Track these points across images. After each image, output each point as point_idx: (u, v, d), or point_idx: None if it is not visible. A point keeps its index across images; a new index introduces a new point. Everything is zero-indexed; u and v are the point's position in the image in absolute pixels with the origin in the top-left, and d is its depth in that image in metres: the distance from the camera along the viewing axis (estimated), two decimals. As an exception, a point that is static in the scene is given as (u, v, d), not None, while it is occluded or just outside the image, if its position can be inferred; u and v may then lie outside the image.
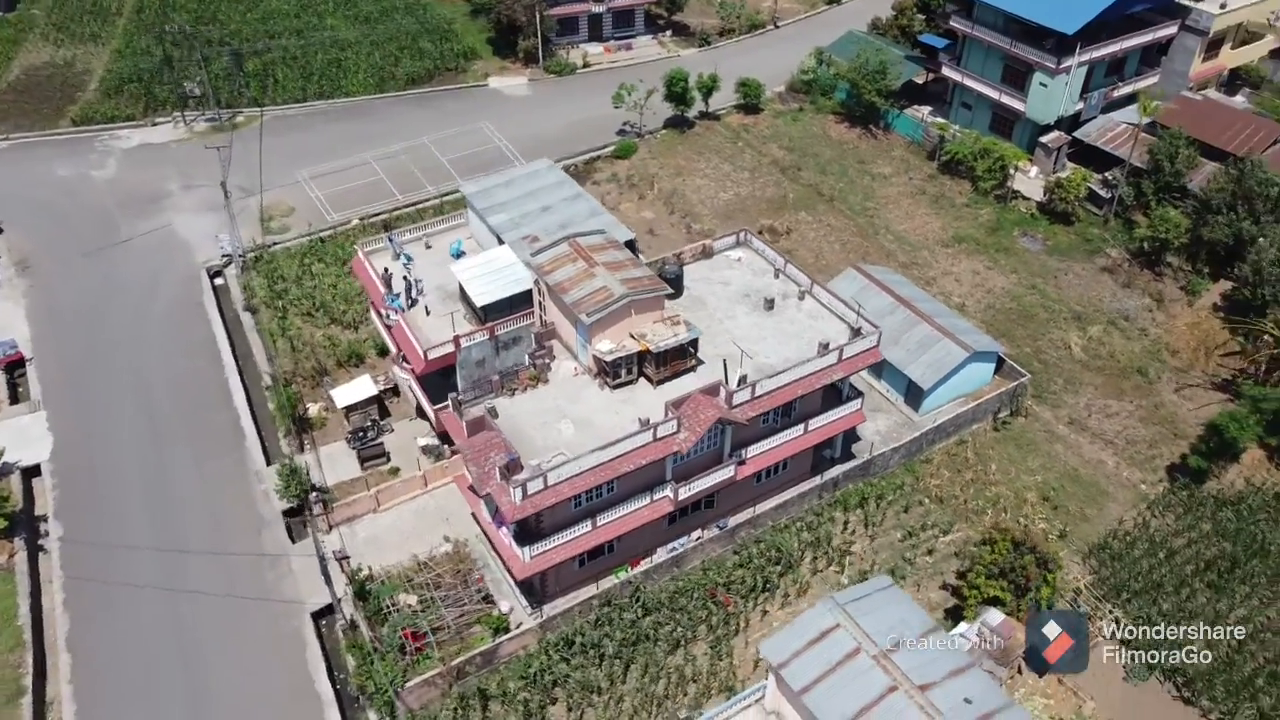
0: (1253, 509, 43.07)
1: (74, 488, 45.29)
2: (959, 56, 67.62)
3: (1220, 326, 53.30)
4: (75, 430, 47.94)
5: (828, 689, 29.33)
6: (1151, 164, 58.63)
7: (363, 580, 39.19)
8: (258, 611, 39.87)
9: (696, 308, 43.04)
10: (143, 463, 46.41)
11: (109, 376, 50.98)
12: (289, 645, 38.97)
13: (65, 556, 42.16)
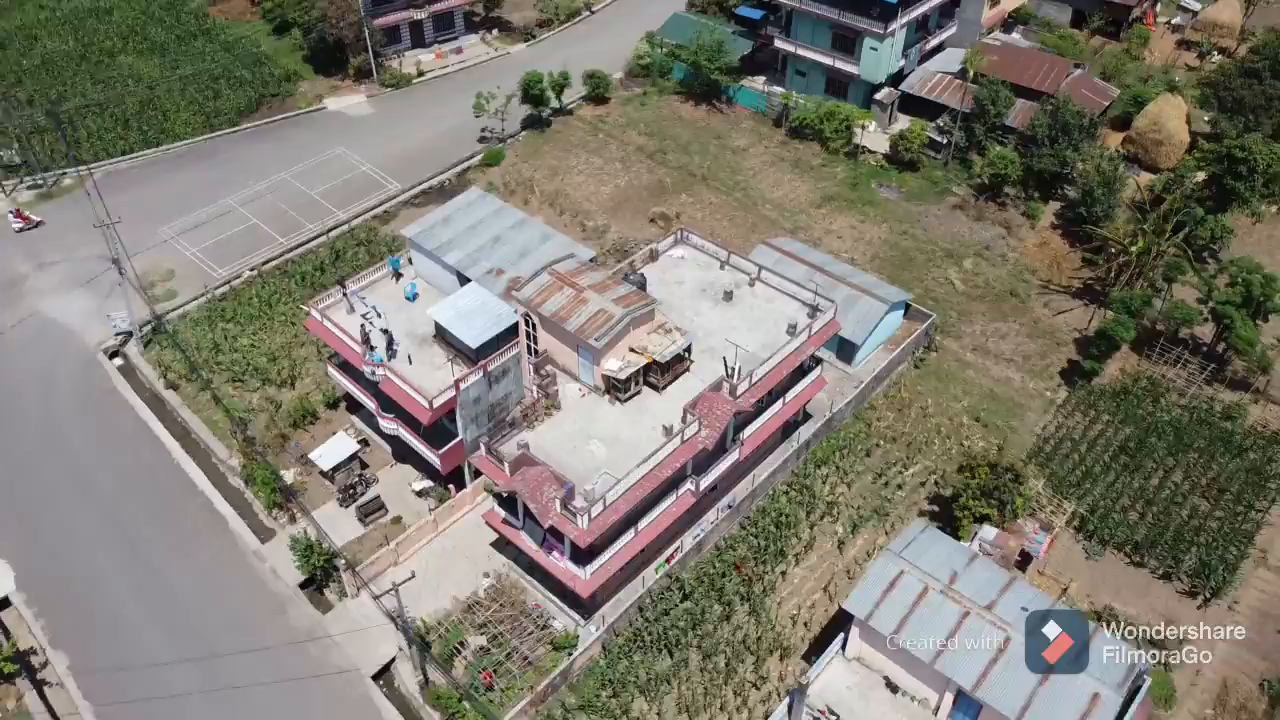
0: (1138, 395, 51.74)
1: (61, 613, 42.78)
2: (787, 28, 73.01)
3: (1066, 244, 62.28)
4: (34, 554, 44.87)
5: (914, 627, 34.06)
6: (976, 108, 66.54)
7: (422, 632, 40.06)
8: (317, 689, 39.86)
9: (664, 309, 46.05)
10: (126, 571, 44.34)
11: (47, 488, 47.74)
12: (362, 713, 39.42)
13: (85, 687, 40.12)
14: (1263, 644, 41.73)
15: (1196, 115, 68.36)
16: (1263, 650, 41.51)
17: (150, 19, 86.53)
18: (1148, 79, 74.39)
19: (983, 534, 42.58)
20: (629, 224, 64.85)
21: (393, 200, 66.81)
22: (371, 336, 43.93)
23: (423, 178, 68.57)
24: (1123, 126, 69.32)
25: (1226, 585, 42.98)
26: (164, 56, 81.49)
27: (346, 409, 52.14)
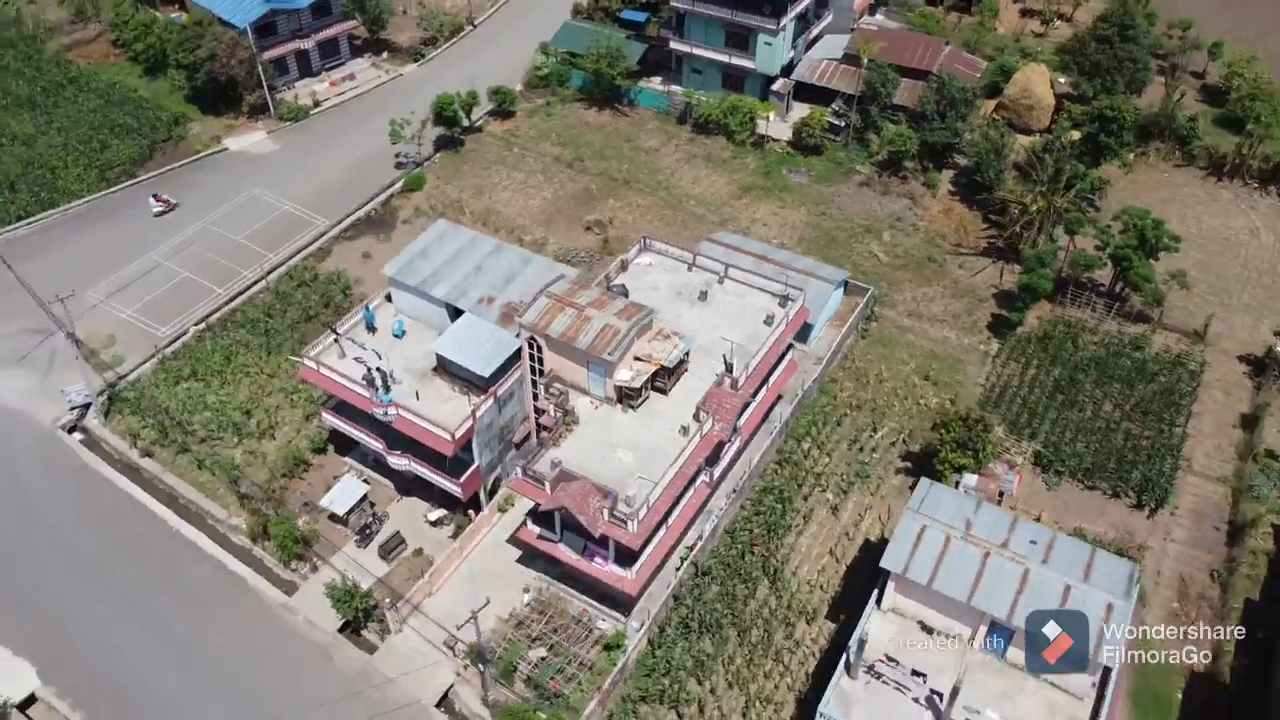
0: (1058, 339, 57.98)
1: (96, 700, 42.03)
2: (680, 30, 76.27)
3: (966, 208, 68.32)
4: (52, 645, 43.72)
5: (946, 574, 38.25)
6: (868, 90, 71.68)
7: (480, 654, 41.61)
8: (386, 727, 40.97)
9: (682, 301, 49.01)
10: (152, 646, 43.90)
11: (44, 577, 46.45)
12: (435, 741, 40.81)
13: (144, 767, 39.82)
14: (1204, 540, 48.35)
15: (1057, 81, 75.74)
16: (1206, 545, 48.10)
17: (8, 72, 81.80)
18: (1003, 49, 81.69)
19: (965, 482, 47.45)
20: (565, 234, 66.87)
21: (324, 236, 66.53)
22: (367, 375, 44.82)
23: (348, 210, 68.43)
24: (991, 95, 76.10)
25: (1167, 495, 49.42)
26: (34, 110, 77.51)
27: (335, 451, 52.53)
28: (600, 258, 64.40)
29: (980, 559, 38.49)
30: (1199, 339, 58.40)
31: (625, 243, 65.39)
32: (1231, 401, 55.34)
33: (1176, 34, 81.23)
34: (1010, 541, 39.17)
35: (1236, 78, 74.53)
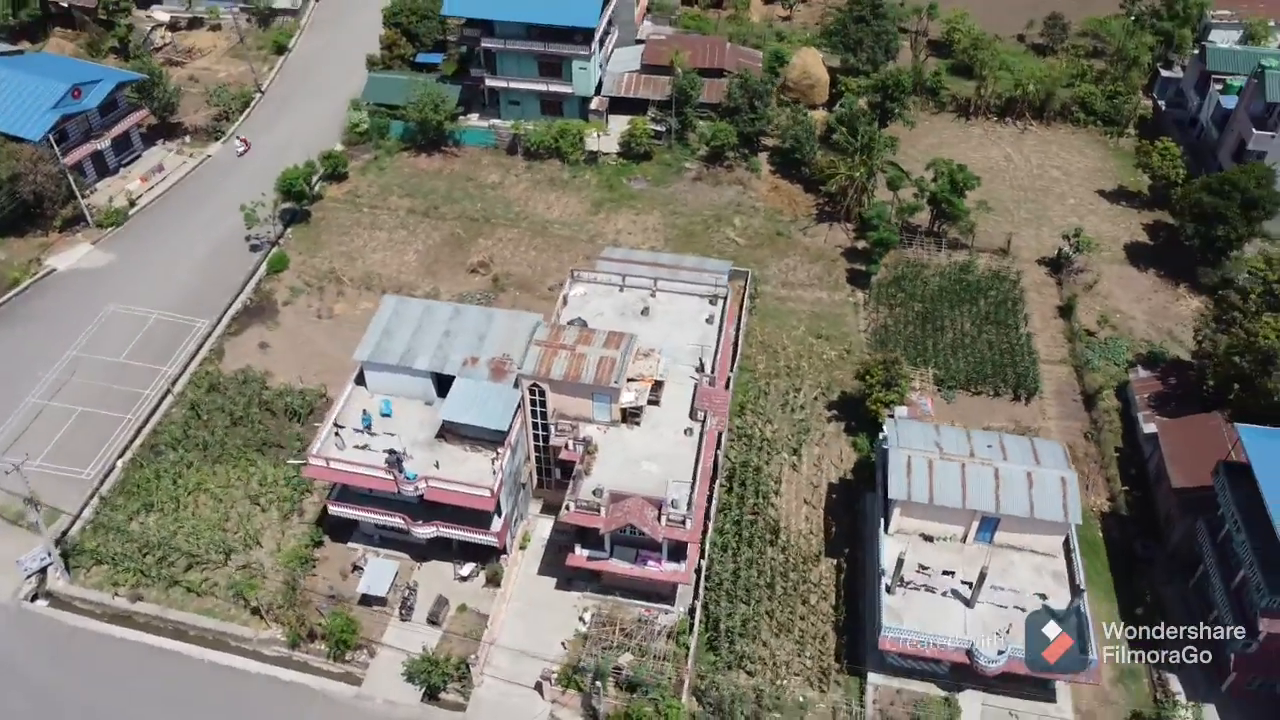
0: (908, 278, 68.74)
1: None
2: (493, 68, 79.92)
3: (789, 184, 77.87)
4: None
5: (940, 490, 46.83)
6: (679, 95, 79.20)
7: (598, 671, 45.37)
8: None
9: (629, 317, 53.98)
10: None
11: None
12: (560, 765, 44.46)
13: None
14: (1070, 412, 60.68)
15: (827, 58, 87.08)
16: (1072, 416, 60.42)
17: None
18: (763, 37, 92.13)
19: (899, 413, 56.62)
20: (452, 281, 69.50)
21: (210, 336, 65.03)
22: (390, 459, 46.93)
23: (223, 305, 67.09)
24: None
25: (1036, 384, 61.36)
26: None
27: (332, 540, 53.34)
28: (496, 296, 67.93)
29: (960, 470, 47.46)
30: (1004, 254, 71.45)
31: (513, 277, 69.55)
32: (1045, 298, 68.63)
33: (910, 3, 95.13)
34: (974, 450, 48.51)
35: (956, 32, 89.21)
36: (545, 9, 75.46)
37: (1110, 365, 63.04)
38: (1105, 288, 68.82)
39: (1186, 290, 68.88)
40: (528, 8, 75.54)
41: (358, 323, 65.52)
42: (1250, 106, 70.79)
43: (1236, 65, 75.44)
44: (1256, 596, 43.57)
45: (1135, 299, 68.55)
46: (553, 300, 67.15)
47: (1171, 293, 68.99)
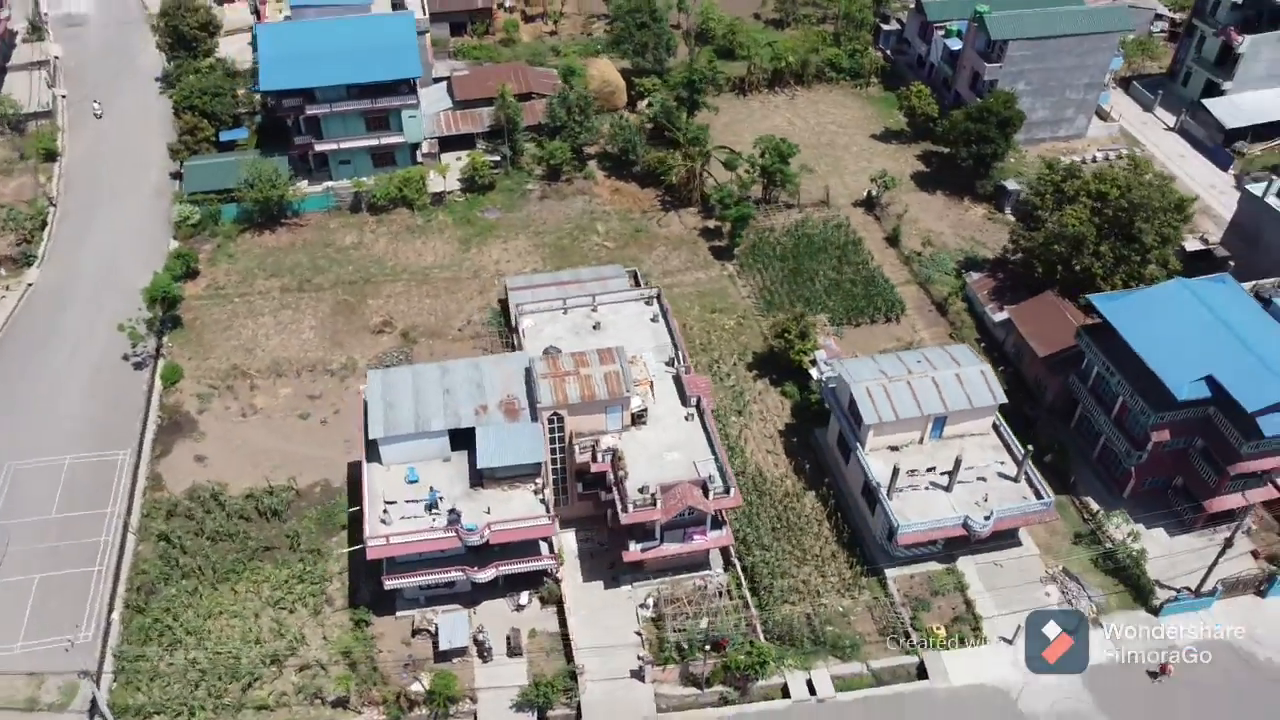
0: (767, 243, 78.32)
1: None
2: (318, 133, 80.00)
3: (627, 184, 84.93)
4: None
5: (901, 406, 56.53)
6: (506, 123, 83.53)
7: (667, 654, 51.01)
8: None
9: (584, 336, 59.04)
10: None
11: None
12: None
13: None
14: (930, 320, 72.98)
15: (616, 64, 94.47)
16: (935, 323, 72.71)
17: None
18: (542, 54, 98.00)
19: (821, 358, 66.08)
20: (361, 347, 70.47)
21: (139, 465, 62.29)
22: (442, 516, 49.96)
23: (135, 431, 64.17)
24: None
25: (902, 306, 73.18)
26: None
27: (376, 614, 54.61)
28: (411, 350, 70.00)
29: (908, 387, 57.54)
30: (825, 205, 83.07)
31: (419, 328, 71.87)
32: (872, 233, 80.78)
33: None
34: (912, 368, 58.78)
35: (710, 21, 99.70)
36: (366, 67, 76.98)
37: (943, 275, 76.25)
38: (912, 214, 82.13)
39: (970, 201, 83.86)
40: (348, 69, 76.70)
41: (287, 410, 66.03)
42: (975, 45, 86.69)
43: (951, 13, 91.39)
44: (1142, 418, 57.16)
45: (936, 218, 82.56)
46: (466, 339, 71.01)
47: (960, 206, 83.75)
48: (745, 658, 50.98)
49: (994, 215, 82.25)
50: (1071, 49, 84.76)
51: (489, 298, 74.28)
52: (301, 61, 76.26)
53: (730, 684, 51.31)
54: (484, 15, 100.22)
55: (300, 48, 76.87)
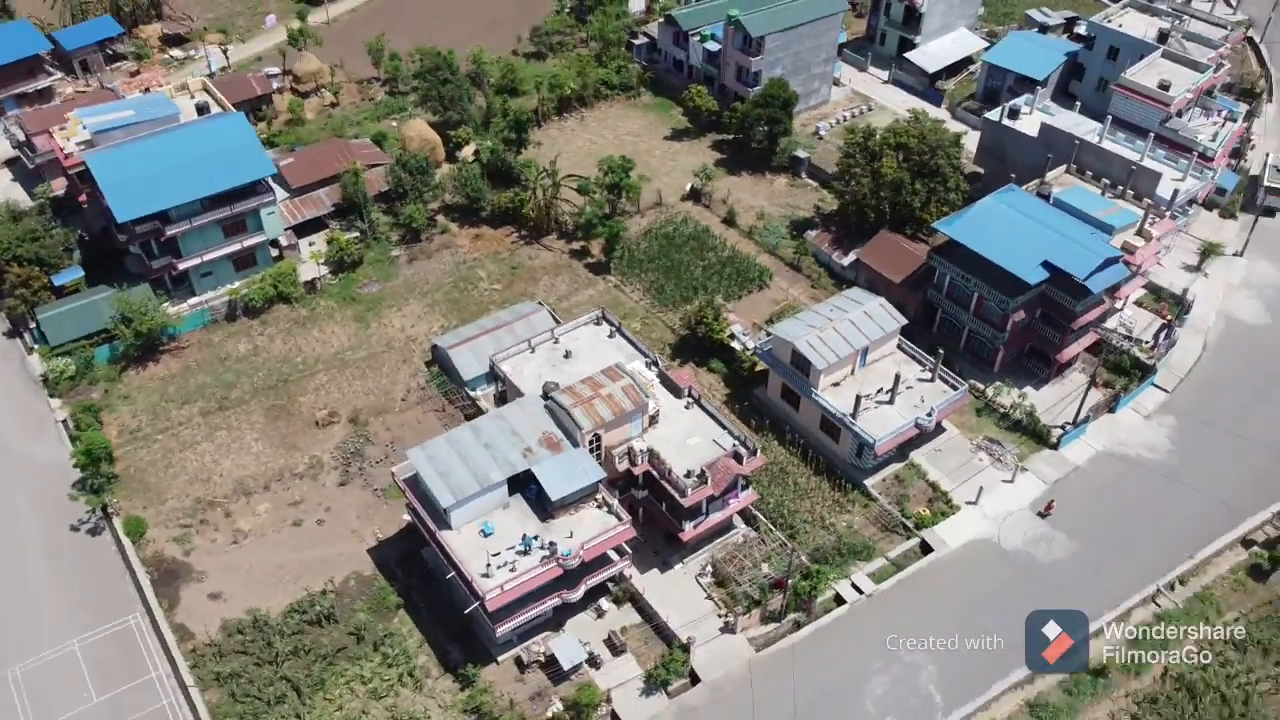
0: (629, 250, 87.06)
1: None
2: (177, 253, 77.67)
3: (486, 229, 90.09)
4: None
5: (838, 347, 68.14)
6: (358, 198, 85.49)
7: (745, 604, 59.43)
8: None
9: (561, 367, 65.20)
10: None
11: None
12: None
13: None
14: (794, 279, 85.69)
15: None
16: (797, 281, 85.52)
17: None
18: (342, 125, 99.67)
19: (737, 330, 76.40)
20: (316, 444, 71.16)
21: (159, 623, 60.21)
22: (551, 550, 55.16)
23: (133, 595, 61.78)
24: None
25: (769, 274, 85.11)
26: None
27: (477, 666, 58.04)
28: (360, 433, 71.83)
29: (835, 331, 69.32)
30: (660, 205, 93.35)
31: (363, 408, 73.88)
32: (709, 220, 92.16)
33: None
34: (828, 317, 70.61)
35: (485, 65, 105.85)
36: (219, 175, 76.23)
37: (782, 240, 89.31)
38: (733, 196, 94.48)
39: (770, 174, 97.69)
40: (202, 181, 75.55)
41: (277, 523, 66.34)
42: (734, 44, 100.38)
43: (700, 21, 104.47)
44: (999, 307, 72.84)
45: (751, 194, 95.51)
46: (413, 407, 74.07)
47: (765, 180, 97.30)
48: (805, 583, 60.63)
49: (795, 181, 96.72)
50: (810, 32, 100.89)
51: (415, 364, 77.33)
52: (150, 183, 74.18)
53: (799, 609, 60.76)
54: (265, 101, 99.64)
55: (142, 169, 74.59)
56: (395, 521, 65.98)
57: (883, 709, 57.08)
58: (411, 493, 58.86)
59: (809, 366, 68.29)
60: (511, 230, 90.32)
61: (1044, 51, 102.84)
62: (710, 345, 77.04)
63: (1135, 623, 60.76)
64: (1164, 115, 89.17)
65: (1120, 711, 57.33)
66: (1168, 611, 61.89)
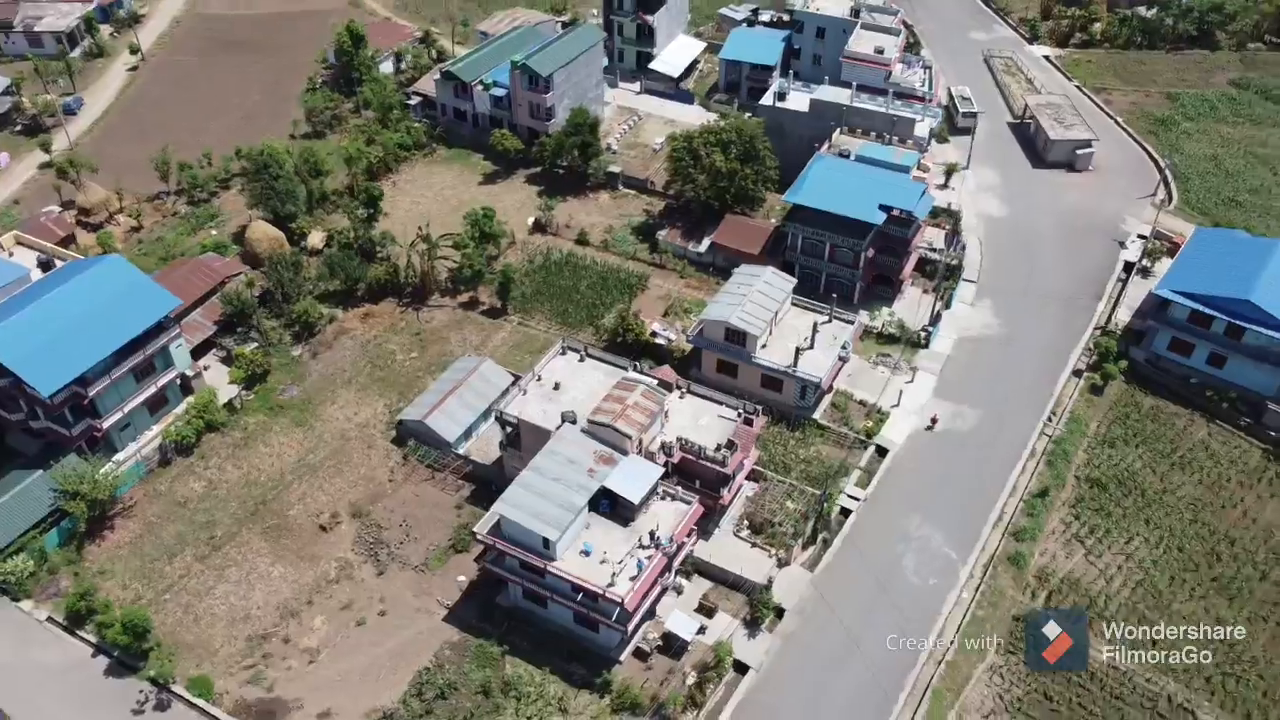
0: (520, 284, 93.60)
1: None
2: (95, 412, 73.32)
3: (373, 307, 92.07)
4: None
5: (759, 318, 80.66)
6: (240, 309, 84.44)
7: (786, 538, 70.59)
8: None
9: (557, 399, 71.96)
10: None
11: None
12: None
13: None
14: (669, 275, 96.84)
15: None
16: (674, 277, 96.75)
17: None
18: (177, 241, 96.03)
19: (657, 328, 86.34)
20: (332, 546, 72.24)
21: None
22: (656, 541, 62.91)
23: None
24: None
25: (645, 278, 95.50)
26: None
27: (605, 673, 64.15)
28: (369, 523, 73.77)
29: (753, 304, 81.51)
30: (513, 242, 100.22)
31: (361, 498, 75.68)
32: (560, 244, 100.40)
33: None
34: (742, 292, 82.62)
35: (284, 155, 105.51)
36: (126, 321, 73.31)
37: (636, 245, 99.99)
38: (575, 220, 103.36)
39: (591, 193, 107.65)
40: (112, 333, 72.34)
41: (339, 631, 67.59)
42: (523, 86, 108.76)
43: (476, 73, 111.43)
44: (851, 251, 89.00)
45: (587, 214, 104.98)
46: (403, 484, 76.91)
47: (590, 199, 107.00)
48: (824, 506, 72.96)
49: (616, 194, 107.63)
50: (583, 62, 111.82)
51: (382, 446, 79.54)
52: (59, 348, 69.95)
53: (823, 528, 72.94)
54: (68, 241, 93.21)
55: (45, 337, 70.00)
56: (451, 587, 69.61)
57: (922, 575, 70.89)
58: (498, 542, 63.46)
59: (745, 337, 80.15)
60: (393, 301, 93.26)
61: (767, 41, 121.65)
62: (638, 347, 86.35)
63: (1041, 453, 79.41)
64: (886, 74, 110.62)
65: (1065, 517, 75.39)
66: (1059, 437, 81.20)
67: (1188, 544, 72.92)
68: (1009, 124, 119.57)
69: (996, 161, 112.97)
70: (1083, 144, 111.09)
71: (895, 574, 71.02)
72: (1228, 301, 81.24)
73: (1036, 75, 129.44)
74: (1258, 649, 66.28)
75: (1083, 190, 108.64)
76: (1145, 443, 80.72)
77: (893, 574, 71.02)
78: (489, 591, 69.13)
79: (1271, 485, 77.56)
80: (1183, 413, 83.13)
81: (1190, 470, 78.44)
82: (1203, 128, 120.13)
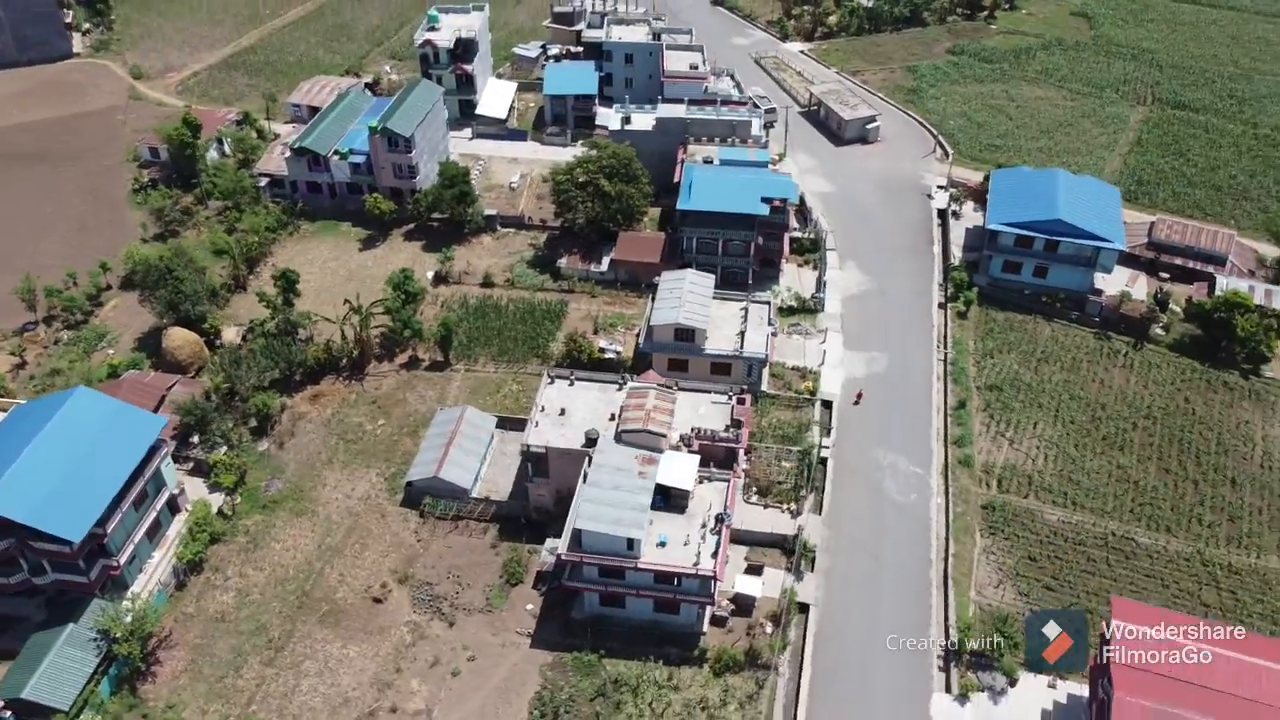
0: (462, 343, 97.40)
1: None
2: (104, 552, 70.29)
3: (312, 387, 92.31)
4: None
5: (702, 319, 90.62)
6: (213, 417, 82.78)
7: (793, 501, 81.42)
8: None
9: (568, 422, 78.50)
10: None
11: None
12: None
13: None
14: (582, 297, 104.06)
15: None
16: (586, 296, 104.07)
17: None
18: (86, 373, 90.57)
19: (604, 344, 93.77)
20: (391, 614, 74.24)
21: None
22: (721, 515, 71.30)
23: None
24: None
25: (565, 305, 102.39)
26: None
27: (690, 649, 71.71)
28: (419, 583, 76.45)
29: (690, 302, 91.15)
30: (446, 281, 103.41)
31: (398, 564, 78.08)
32: (467, 291, 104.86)
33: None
34: (682, 297, 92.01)
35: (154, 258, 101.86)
36: (126, 451, 71.40)
37: (538, 276, 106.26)
38: (472, 266, 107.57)
39: (473, 238, 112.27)
40: (115, 467, 70.33)
41: (438, 685, 70.94)
42: (384, 149, 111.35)
43: (329, 144, 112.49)
44: (743, 242, 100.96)
45: (479, 258, 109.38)
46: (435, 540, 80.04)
47: (476, 243, 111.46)
48: (812, 458, 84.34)
49: (498, 234, 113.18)
50: (432, 118, 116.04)
51: (393, 511, 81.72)
52: (67, 497, 67.11)
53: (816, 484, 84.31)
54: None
55: (47, 487, 66.78)
56: (524, 617, 74.30)
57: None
58: (584, 557, 69.30)
59: (694, 332, 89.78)
60: (333, 377, 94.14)
61: (582, 73, 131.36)
62: (590, 364, 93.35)
63: (945, 375, 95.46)
64: (704, 85, 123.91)
65: (983, 420, 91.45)
66: (952, 359, 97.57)
67: (1075, 416, 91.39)
68: (800, 113, 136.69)
69: (804, 146, 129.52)
70: (869, 119, 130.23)
71: (883, 497, 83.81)
72: (1044, 223, 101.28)
73: (803, 68, 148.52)
74: (1151, 479, 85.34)
75: (881, 158, 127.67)
76: (1012, 348, 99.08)
77: (881, 498, 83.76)
78: (560, 611, 74.27)
79: (1110, 358, 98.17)
80: (1028, 318, 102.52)
81: (1053, 361, 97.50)
82: (944, 91, 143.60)
